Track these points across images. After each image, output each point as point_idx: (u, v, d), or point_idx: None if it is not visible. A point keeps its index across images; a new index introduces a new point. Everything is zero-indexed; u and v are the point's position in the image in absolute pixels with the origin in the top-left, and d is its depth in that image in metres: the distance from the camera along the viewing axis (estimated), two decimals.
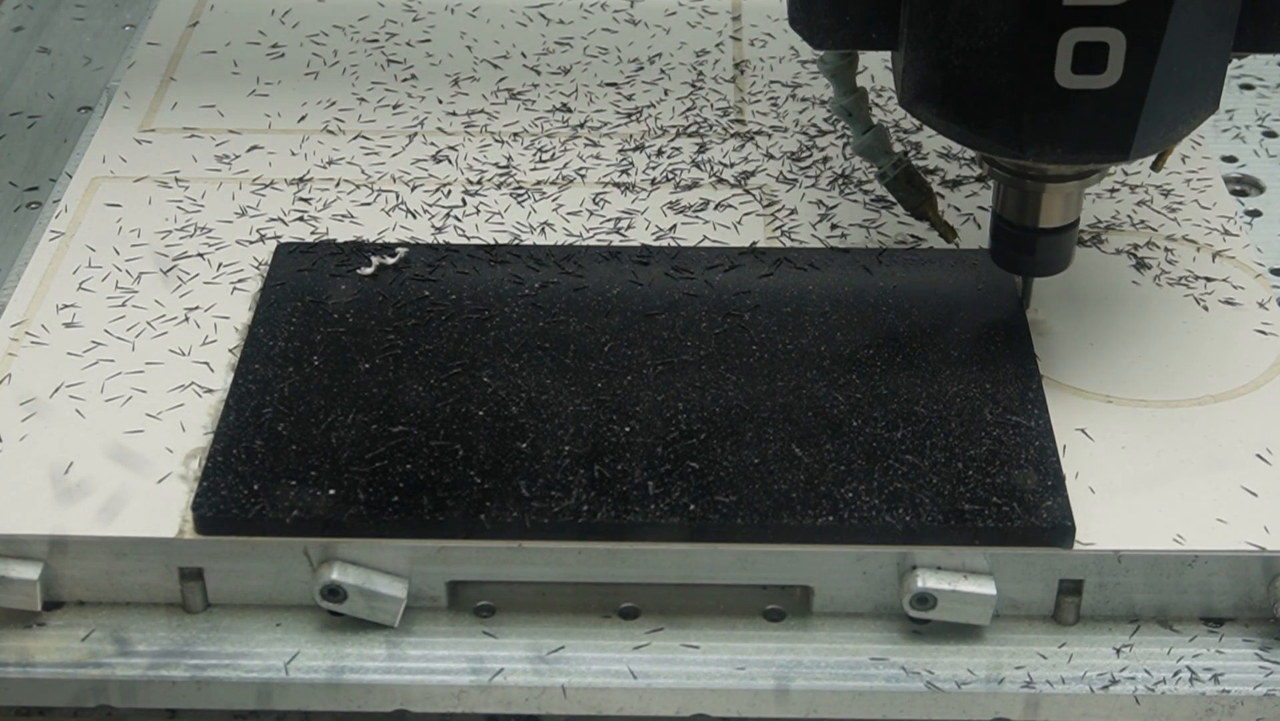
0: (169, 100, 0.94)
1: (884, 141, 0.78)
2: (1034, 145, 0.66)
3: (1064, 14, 0.63)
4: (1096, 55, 0.64)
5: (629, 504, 0.69)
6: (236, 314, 0.79)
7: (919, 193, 0.79)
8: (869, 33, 0.69)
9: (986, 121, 0.67)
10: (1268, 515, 0.69)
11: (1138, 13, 0.63)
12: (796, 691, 0.67)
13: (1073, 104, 0.65)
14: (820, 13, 0.69)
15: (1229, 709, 0.67)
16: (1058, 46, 0.63)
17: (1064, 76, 0.64)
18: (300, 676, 0.68)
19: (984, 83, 0.66)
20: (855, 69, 0.75)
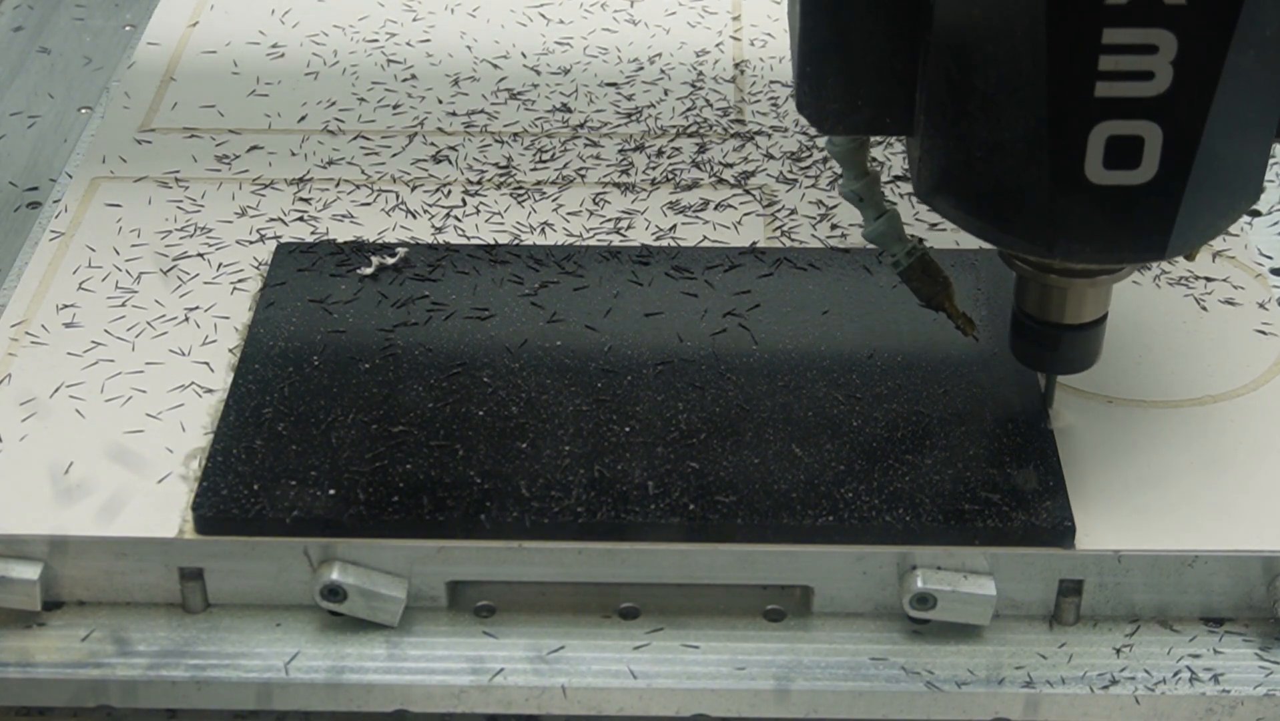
0: (169, 100, 0.94)
1: (897, 228, 0.71)
2: (1063, 244, 0.61)
3: (1096, 106, 0.58)
4: (1131, 149, 0.59)
5: (629, 504, 0.69)
6: (236, 314, 0.79)
7: (935, 282, 0.72)
8: (883, 118, 0.64)
9: (1011, 218, 0.62)
10: (1268, 515, 0.69)
11: (1175, 104, 0.58)
12: (796, 691, 0.67)
13: (1105, 201, 0.60)
14: (830, 96, 0.63)
15: (1229, 709, 0.67)
16: (1089, 140, 0.59)
17: (1095, 172, 0.59)
18: (300, 676, 0.68)
19: (1009, 177, 0.61)
20: (867, 152, 0.70)
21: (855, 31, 0.61)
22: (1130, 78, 0.57)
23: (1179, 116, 0.58)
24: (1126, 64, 0.57)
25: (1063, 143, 0.59)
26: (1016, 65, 0.58)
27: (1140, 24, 0.56)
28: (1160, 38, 0.56)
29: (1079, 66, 0.57)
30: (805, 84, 0.63)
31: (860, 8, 0.61)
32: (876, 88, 0.63)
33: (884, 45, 0.62)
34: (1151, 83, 0.57)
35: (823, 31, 0.61)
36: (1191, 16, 0.56)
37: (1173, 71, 0.57)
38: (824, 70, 0.62)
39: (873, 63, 0.62)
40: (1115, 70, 0.57)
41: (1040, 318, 0.68)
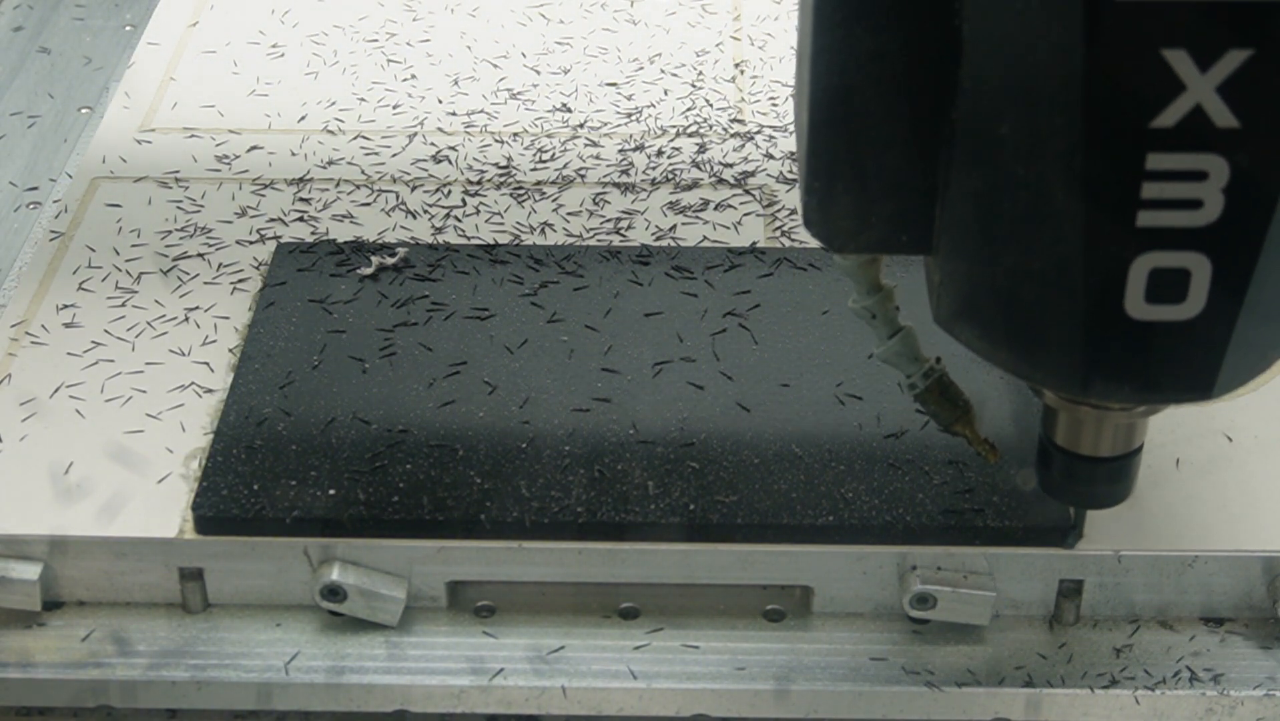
0: (169, 100, 0.94)
1: (913, 347, 0.65)
2: (1098, 384, 0.55)
3: (1137, 236, 0.51)
4: (1176, 283, 0.52)
5: (629, 504, 0.69)
6: (236, 314, 0.79)
7: (954, 406, 0.66)
8: (898, 236, 0.57)
9: (1041, 353, 0.55)
10: (1268, 515, 0.69)
11: (1226, 234, 0.51)
12: (796, 691, 0.67)
13: (1146, 338, 0.53)
14: (840, 214, 0.56)
15: (1229, 709, 0.67)
16: (1129, 273, 0.52)
17: (1136, 307, 0.52)
18: (300, 676, 0.68)
19: (1039, 309, 0.54)
20: (879, 265, 0.63)
21: (868, 143, 0.55)
22: (1177, 206, 0.51)
23: (1230, 247, 0.52)
24: (1173, 191, 0.51)
25: (1100, 275, 0.52)
26: (1050, 189, 0.52)
27: (1189, 148, 0.50)
28: (1210, 163, 0.50)
29: (1120, 194, 0.51)
30: (813, 199, 0.56)
31: (875, 117, 0.55)
32: (891, 204, 0.56)
33: (900, 158, 0.55)
34: (1200, 211, 0.51)
35: (834, 143, 0.55)
36: (1246, 139, 0.50)
37: (1224, 199, 0.50)
38: (834, 185, 0.56)
39: (887, 177, 0.56)
40: (1160, 198, 0.51)
41: (1071, 450, 0.61)
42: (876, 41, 0.53)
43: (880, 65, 0.54)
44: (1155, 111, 0.49)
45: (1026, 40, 0.50)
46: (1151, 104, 0.49)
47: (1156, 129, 0.49)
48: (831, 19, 0.53)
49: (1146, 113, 0.49)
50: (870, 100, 0.54)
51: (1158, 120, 0.49)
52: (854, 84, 0.54)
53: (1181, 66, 0.48)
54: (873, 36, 0.53)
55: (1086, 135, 0.50)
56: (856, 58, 0.54)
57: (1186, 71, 0.48)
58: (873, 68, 0.54)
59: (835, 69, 0.54)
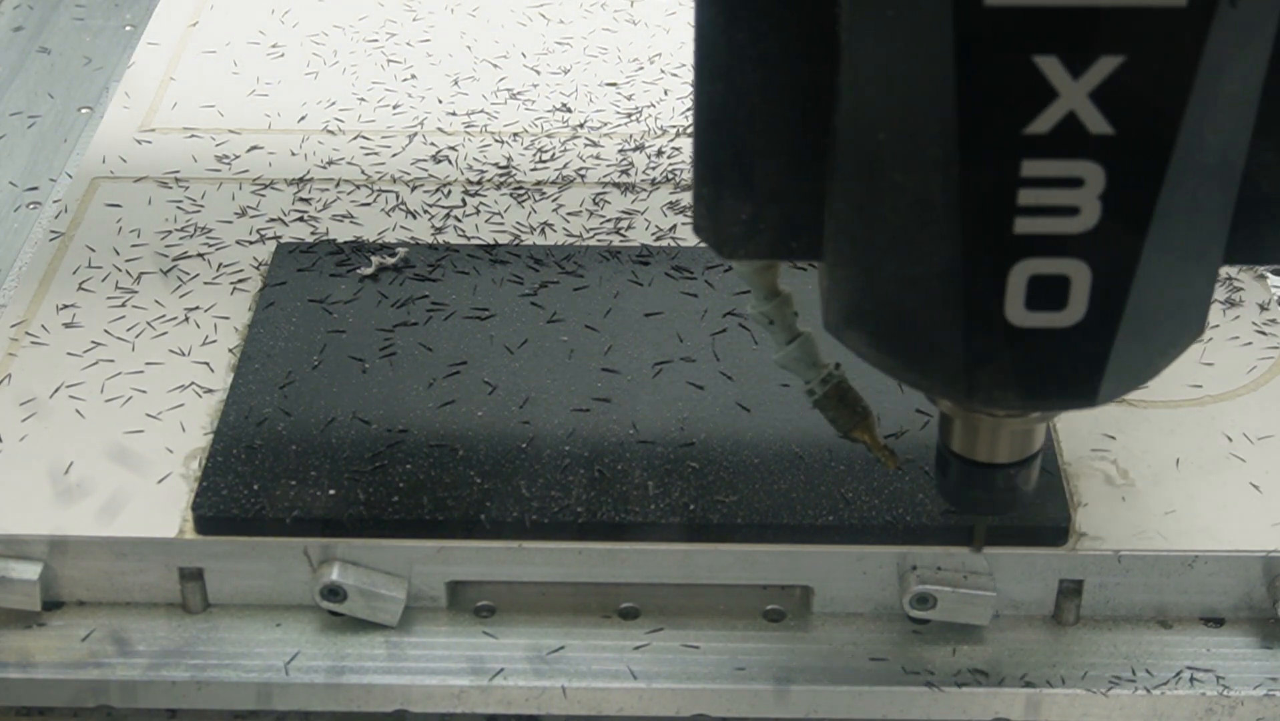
0: (169, 100, 0.94)
1: (811, 353, 0.65)
2: (982, 390, 0.54)
3: (1015, 242, 0.51)
4: (1056, 290, 0.52)
5: (629, 504, 0.69)
6: (236, 314, 0.79)
7: (853, 413, 0.65)
8: (788, 243, 0.56)
9: (926, 360, 0.55)
10: (1268, 515, 0.69)
11: (1104, 241, 0.51)
12: (796, 691, 0.67)
13: (1028, 345, 0.53)
14: (729, 219, 0.56)
15: (1229, 709, 0.67)
16: (1008, 279, 0.51)
17: (1016, 313, 0.52)
18: (300, 676, 0.68)
19: (922, 315, 0.54)
20: (777, 271, 0.63)
21: (755, 148, 0.55)
22: (1054, 213, 0.50)
23: (1109, 254, 0.51)
24: (1049, 198, 0.50)
25: (979, 282, 0.52)
26: (927, 196, 0.51)
27: (1063, 155, 0.50)
28: (1086, 170, 0.50)
29: (996, 200, 0.50)
30: (702, 205, 0.56)
31: (761, 124, 0.54)
32: (780, 210, 0.55)
33: (788, 164, 0.55)
34: (1078, 218, 0.50)
35: (720, 148, 0.55)
36: (1120, 147, 0.50)
37: (1101, 206, 0.50)
38: (721, 190, 0.55)
39: (776, 183, 0.55)
40: (1037, 205, 0.50)
41: (968, 456, 0.60)
42: (759, 47, 0.53)
43: (764, 71, 0.53)
44: (1029, 118, 0.49)
45: (900, 45, 0.50)
46: (1025, 110, 0.49)
47: (1031, 135, 0.49)
48: (714, 24, 0.53)
49: (1020, 119, 0.49)
50: (755, 106, 0.54)
51: (1032, 127, 0.49)
52: (738, 90, 0.54)
53: (1053, 73, 0.48)
54: (755, 42, 0.53)
55: (961, 142, 0.50)
56: (740, 63, 0.53)
57: (1059, 78, 0.48)
58: (756, 73, 0.53)
59: (719, 74, 0.54)
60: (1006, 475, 0.60)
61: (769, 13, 0.52)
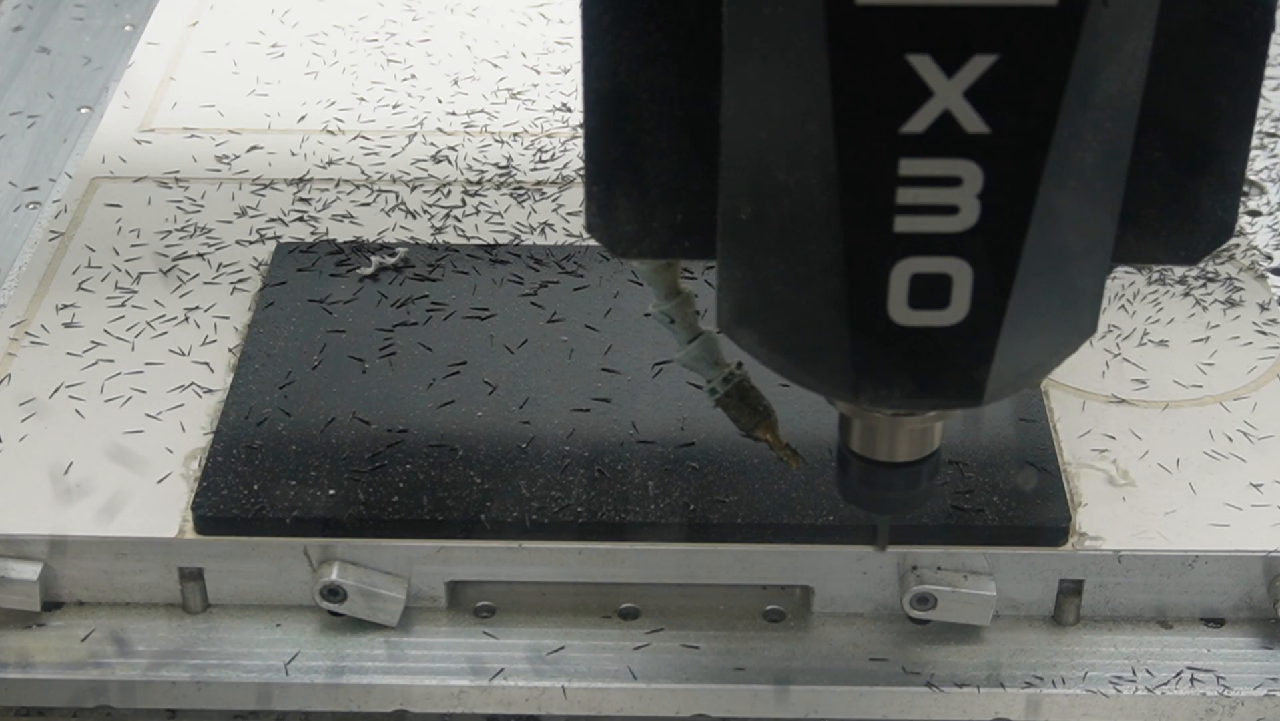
0: (169, 100, 0.94)
1: (713, 352, 0.65)
2: (868, 388, 0.54)
3: (895, 241, 0.51)
4: (938, 288, 0.52)
5: (629, 504, 0.69)
6: (236, 314, 0.79)
7: (754, 412, 0.66)
8: (681, 241, 0.56)
9: (813, 359, 0.55)
10: (1268, 515, 0.69)
11: (984, 239, 0.51)
12: (796, 691, 0.67)
13: (912, 343, 0.53)
14: (622, 218, 0.56)
15: (1229, 709, 0.67)
16: (890, 278, 0.52)
17: (900, 312, 0.52)
18: (300, 676, 0.68)
19: (808, 315, 0.54)
20: (677, 270, 0.63)
21: (645, 147, 0.55)
22: (933, 212, 0.50)
23: (989, 253, 0.51)
24: (928, 196, 0.50)
25: (862, 281, 0.52)
26: (809, 195, 0.51)
27: (940, 154, 0.50)
28: (963, 168, 0.50)
29: (875, 200, 0.50)
30: (594, 204, 0.56)
31: (650, 122, 0.54)
32: (672, 209, 0.56)
33: (679, 163, 0.55)
34: (957, 217, 0.50)
35: (610, 148, 0.55)
36: (996, 146, 0.50)
37: (979, 205, 0.50)
38: (613, 190, 0.56)
39: (667, 182, 0.55)
40: (915, 204, 0.50)
41: (866, 456, 0.60)
42: (645, 46, 0.53)
43: (651, 70, 0.53)
44: (904, 117, 0.49)
45: (776, 44, 0.50)
46: (900, 109, 0.49)
47: (907, 134, 0.49)
48: (599, 23, 0.53)
49: (895, 118, 0.49)
50: (644, 105, 0.54)
51: (908, 126, 0.49)
52: (626, 89, 0.54)
53: (927, 72, 0.48)
54: (641, 41, 0.53)
55: (837, 141, 0.50)
56: (627, 62, 0.53)
57: (933, 77, 0.48)
58: (644, 72, 0.54)
59: (606, 73, 0.54)
60: (907, 474, 0.60)
61: (655, 12, 0.52)
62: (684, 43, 0.53)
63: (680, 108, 0.54)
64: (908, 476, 0.60)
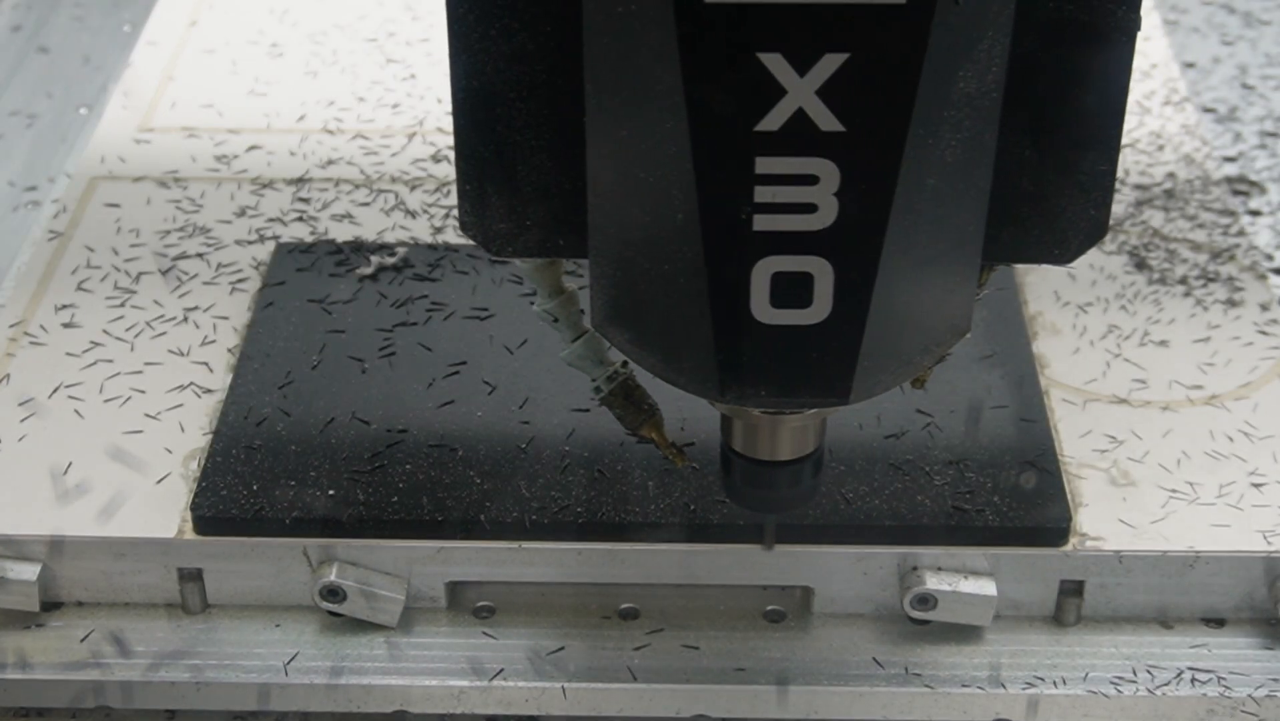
0: (168, 100, 0.94)
1: (597, 350, 0.65)
2: (733, 387, 0.54)
3: (755, 240, 0.51)
4: (800, 287, 0.52)
5: (629, 504, 0.69)
6: (236, 314, 0.79)
7: (639, 411, 0.66)
8: (555, 239, 0.57)
9: (680, 357, 0.54)
10: (1269, 515, 0.69)
11: (843, 238, 0.51)
12: (796, 691, 0.67)
13: (776, 342, 0.53)
14: (495, 217, 0.56)
15: (1230, 710, 0.67)
16: (752, 277, 0.52)
17: (763, 311, 0.52)
18: (300, 677, 0.67)
19: (673, 313, 0.54)
20: (559, 268, 0.63)
21: (516, 146, 0.55)
22: (792, 210, 0.51)
23: (849, 252, 0.51)
24: (786, 195, 0.50)
25: (723, 280, 0.52)
26: (670, 192, 0.51)
27: (795, 152, 0.50)
28: (820, 167, 0.50)
29: (734, 198, 0.51)
30: (467, 202, 0.56)
31: (520, 120, 0.54)
32: (545, 207, 0.56)
33: (550, 160, 0.55)
34: (816, 215, 0.51)
35: (480, 146, 0.55)
36: (852, 144, 0.50)
37: (837, 203, 0.50)
38: (485, 188, 0.56)
39: (539, 180, 0.55)
40: (774, 202, 0.50)
41: (748, 455, 0.60)
42: (512, 44, 0.53)
43: (519, 68, 0.53)
44: (759, 115, 0.49)
45: (631, 41, 0.50)
46: (754, 108, 0.49)
47: (762, 133, 0.49)
48: (464, 21, 0.53)
49: (750, 117, 0.49)
50: (513, 103, 0.54)
51: (762, 124, 0.49)
52: (494, 87, 0.54)
53: (779, 70, 0.48)
54: (508, 39, 0.53)
55: (693, 139, 0.50)
56: (494, 60, 0.53)
57: (785, 75, 0.48)
58: (511, 70, 0.54)
59: (474, 72, 0.54)
60: (789, 473, 0.60)
61: (521, 10, 0.52)
62: (550, 41, 0.53)
63: (549, 106, 0.54)
64: (790, 474, 0.60)
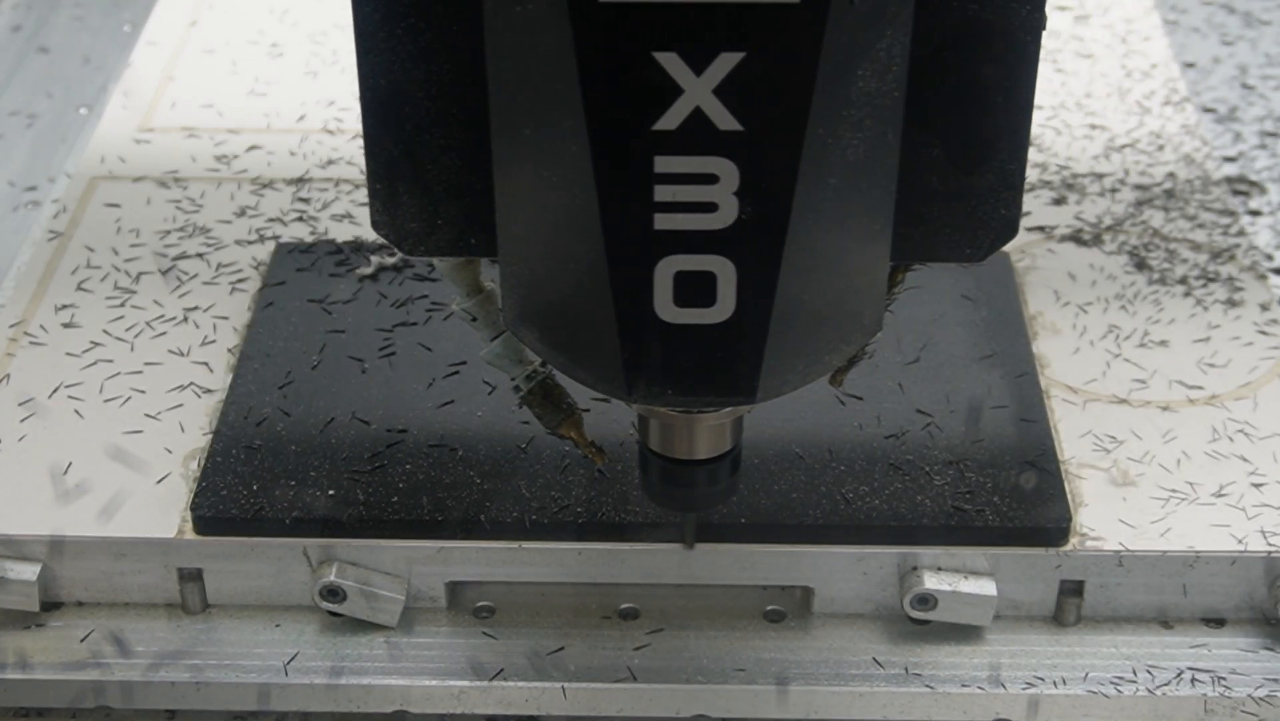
0: (168, 100, 0.94)
1: (515, 349, 0.65)
2: (640, 386, 0.54)
3: (657, 239, 0.51)
4: (703, 286, 0.52)
5: (629, 504, 0.69)
6: (236, 314, 0.79)
7: (558, 410, 0.67)
8: (467, 239, 0.56)
9: (588, 357, 0.55)
10: (1269, 515, 0.69)
11: (744, 237, 0.51)
12: (796, 691, 0.67)
13: (680, 341, 0.53)
14: (406, 216, 0.56)
15: (1229, 709, 0.67)
16: (654, 276, 0.52)
17: (666, 310, 0.52)
18: (300, 677, 0.67)
19: (581, 313, 0.54)
20: (477, 267, 0.63)
21: (425, 145, 0.55)
22: (693, 209, 0.51)
23: (751, 251, 0.51)
24: (686, 194, 0.50)
25: (627, 279, 0.52)
26: (572, 192, 0.51)
27: (694, 151, 0.50)
28: (719, 166, 0.50)
29: (634, 197, 0.50)
30: (378, 202, 0.56)
31: (429, 119, 0.54)
32: (456, 206, 0.56)
33: (460, 159, 0.55)
34: (716, 215, 0.51)
35: (390, 145, 0.55)
36: (750, 143, 0.50)
37: (738, 203, 0.50)
38: (395, 187, 0.56)
39: (450, 179, 0.55)
40: (675, 201, 0.50)
41: (665, 454, 0.60)
42: (418, 44, 0.53)
43: (427, 67, 0.53)
44: (656, 114, 0.49)
45: (530, 42, 0.50)
46: (651, 107, 0.49)
47: (660, 132, 0.49)
48: (370, 20, 0.53)
49: (648, 116, 0.49)
50: (421, 103, 0.54)
51: (660, 123, 0.49)
52: (402, 87, 0.54)
53: (675, 69, 0.48)
54: (413, 39, 0.53)
55: (591, 139, 0.50)
56: (401, 60, 0.53)
57: (681, 74, 0.48)
58: (419, 70, 0.54)
59: (381, 71, 0.54)
60: (707, 471, 0.60)
61: (426, 10, 0.52)
62: (457, 40, 0.53)
63: (457, 105, 0.54)
64: (708, 473, 0.60)
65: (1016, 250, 0.82)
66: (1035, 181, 0.87)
